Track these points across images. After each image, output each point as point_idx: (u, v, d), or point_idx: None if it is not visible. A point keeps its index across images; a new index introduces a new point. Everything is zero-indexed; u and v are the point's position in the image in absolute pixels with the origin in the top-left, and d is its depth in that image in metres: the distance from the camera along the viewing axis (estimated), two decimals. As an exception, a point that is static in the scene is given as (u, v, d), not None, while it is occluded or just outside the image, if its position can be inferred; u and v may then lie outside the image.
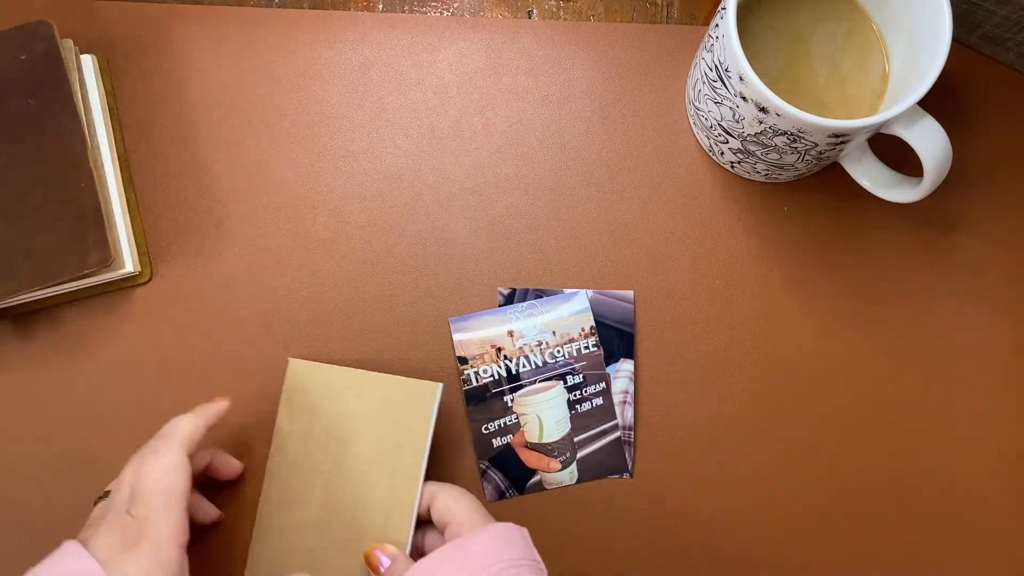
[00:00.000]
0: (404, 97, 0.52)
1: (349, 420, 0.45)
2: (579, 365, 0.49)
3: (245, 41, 0.52)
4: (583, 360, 0.49)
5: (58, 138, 0.47)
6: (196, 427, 0.42)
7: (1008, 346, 0.50)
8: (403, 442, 0.45)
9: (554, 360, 0.49)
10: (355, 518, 0.44)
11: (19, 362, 0.49)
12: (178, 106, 0.52)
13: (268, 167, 0.51)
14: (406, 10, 0.53)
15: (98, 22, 0.52)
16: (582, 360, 0.49)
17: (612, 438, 0.49)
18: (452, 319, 0.49)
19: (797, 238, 0.51)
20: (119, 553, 0.38)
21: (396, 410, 0.45)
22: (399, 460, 0.45)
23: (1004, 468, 0.49)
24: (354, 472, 0.45)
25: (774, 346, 0.50)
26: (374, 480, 0.45)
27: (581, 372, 0.49)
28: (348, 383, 0.46)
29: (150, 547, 0.38)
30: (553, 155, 0.52)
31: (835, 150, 0.45)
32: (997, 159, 0.52)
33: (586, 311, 0.49)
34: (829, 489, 0.49)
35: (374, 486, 0.44)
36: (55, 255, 0.46)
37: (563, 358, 0.49)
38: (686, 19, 0.53)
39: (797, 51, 0.47)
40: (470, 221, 0.51)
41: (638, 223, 0.51)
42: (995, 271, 0.51)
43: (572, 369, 0.49)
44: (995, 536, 0.48)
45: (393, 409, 0.45)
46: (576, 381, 0.49)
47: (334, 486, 0.45)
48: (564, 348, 0.49)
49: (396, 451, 0.45)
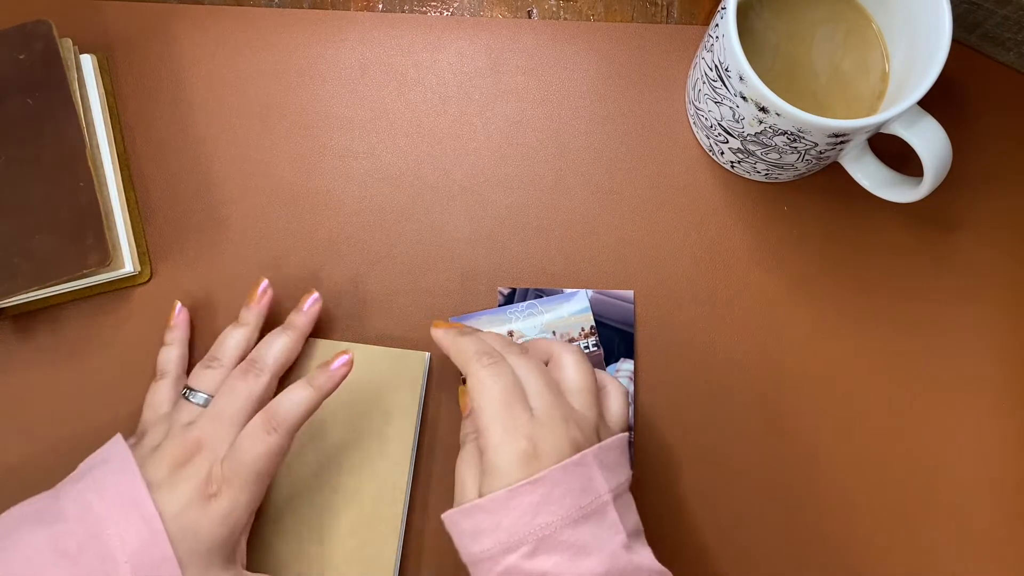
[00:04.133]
0: (404, 97, 0.52)
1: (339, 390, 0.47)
2: (579, 365, 0.49)
3: (245, 41, 0.52)
4: (583, 360, 0.49)
5: (57, 138, 0.47)
6: (310, 409, 0.41)
7: (1008, 346, 0.50)
8: (393, 410, 0.46)
9: None
10: (347, 483, 0.46)
11: (19, 362, 0.49)
12: (178, 106, 0.52)
13: (268, 167, 0.51)
14: (406, 10, 0.53)
15: (98, 22, 0.52)
16: (582, 360, 0.49)
17: (612, 438, 0.49)
18: (452, 319, 0.49)
19: (797, 238, 0.51)
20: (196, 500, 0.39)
21: (385, 379, 0.47)
22: (390, 427, 0.46)
23: (1005, 468, 0.49)
24: (345, 439, 0.46)
25: (774, 346, 0.50)
26: (366, 445, 0.46)
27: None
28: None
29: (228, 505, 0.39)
30: (553, 155, 0.52)
31: (835, 150, 0.45)
32: (997, 159, 0.52)
33: (586, 311, 0.49)
34: (829, 489, 0.49)
35: (366, 451, 0.46)
36: (54, 255, 0.45)
37: (563, 358, 0.49)
38: (686, 19, 0.53)
39: (797, 51, 0.47)
40: (470, 221, 0.51)
41: (638, 223, 0.51)
42: (995, 271, 0.51)
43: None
44: (995, 536, 0.48)
45: (381, 378, 0.47)
46: None
47: (324, 455, 0.46)
48: (564, 348, 0.49)
49: (385, 418, 0.46)
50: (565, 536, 0.36)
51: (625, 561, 0.36)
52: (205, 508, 0.39)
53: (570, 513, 0.36)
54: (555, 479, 0.36)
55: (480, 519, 0.37)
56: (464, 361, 0.40)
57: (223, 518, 0.39)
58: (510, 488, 0.36)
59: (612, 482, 0.38)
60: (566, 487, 0.36)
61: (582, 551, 0.36)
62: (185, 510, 0.38)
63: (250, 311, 0.46)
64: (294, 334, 0.46)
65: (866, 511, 0.48)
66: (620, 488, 0.38)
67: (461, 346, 0.41)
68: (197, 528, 0.38)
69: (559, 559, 0.36)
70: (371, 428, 0.46)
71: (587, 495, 0.37)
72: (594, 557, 0.36)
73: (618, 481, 0.38)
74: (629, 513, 0.39)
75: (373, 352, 0.47)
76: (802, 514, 0.48)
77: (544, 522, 0.36)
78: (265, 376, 0.43)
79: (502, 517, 0.36)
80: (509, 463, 0.37)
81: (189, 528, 0.38)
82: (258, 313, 0.46)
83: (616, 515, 0.37)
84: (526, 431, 0.37)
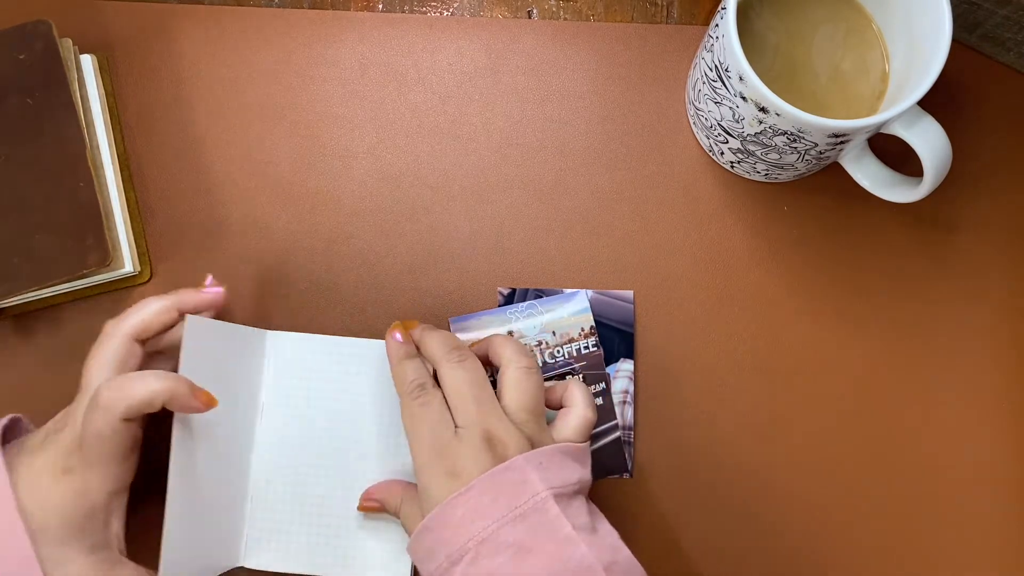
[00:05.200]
0: (404, 97, 0.52)
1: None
2: (579, 365, 0.49)
3: (245, 41, 0.52)
4: (583, 360, 0.49)
5: (56, 138, 0.47)
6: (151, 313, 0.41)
7: (1008, 346, 0.50)
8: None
9: (554, 360, 0.49)
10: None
11: (19, 362, 0.49)
12: (178, 106, 0.52)
13: (268, 167, 0.51)
14: (406, 10, 0.53)
15: (98, 22, 0.52)
16: (582, 360, 0.49)
17: (612, 438, 0.49)
18: (452, 319, 0.49)
19: (797, 238, 0.51)
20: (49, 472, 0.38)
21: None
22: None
23: (1004, 467, 0.49)
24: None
25: (774, 345, 0.50)
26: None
27: (581, 372, 0.49)
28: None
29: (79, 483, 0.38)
30: (553, 155, 0.52)
31: (835, 150, 0.45)
32: (997, 159, 0.52)
33: (586, 311, 0.49)
34: (829, 488, 0.49)
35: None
36: (53, 255, 0.45)
37: (563, 358, 0.49)
38: (686, 19, 0.53)
39: (797, 51, 0.47)
40: (470, 221, 0.51)
41: (638, 223, 0.51)
42: (995, 271, 0.51)
43: (572, 369, 0.49)
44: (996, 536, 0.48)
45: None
46: None
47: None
48: (564, 348, 0.49)
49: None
50: (504, 536, 0.36)
51: (571, 552, 0.36)
52: (58, 482, 0.38)
53: (505, 514, 0.37)
54: (483, 487, 0.37)
55: (426, 540, 0.38)
56: (400, 391, 0.42)
57: (75, 494, 0.38)
58: (443, 503, 0.37)
59: (553, 481, 0.38)
60: (496, 491, 0.37)
61: (523, 548, 0.36)
62: (37, 479, 0.38)
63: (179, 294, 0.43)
64: (168, 302, 0.42)
65: (866, 510, 0.48)
66: (566, 488, 0.38)
67: (397, 374, 0.42)
68: (45, 501, 0.38)
69: (502, 560, 0.36)
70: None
71: (522, 496, 0.37)
72: (537, 553, 0.36)
73: (563, 481, 0.38)
74: (579, 511, 0.38)
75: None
76: (802, 513, 0.48)
77: (480, 527, 0.37)
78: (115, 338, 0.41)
79: (442, 531, 0.37)
80: (438, 486, 0.38)
81: (38, 499, 0.37)
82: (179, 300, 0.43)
83: (558, 510, 0.37)
84: (448, 451, 0.39)
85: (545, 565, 0.36)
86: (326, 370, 0.47)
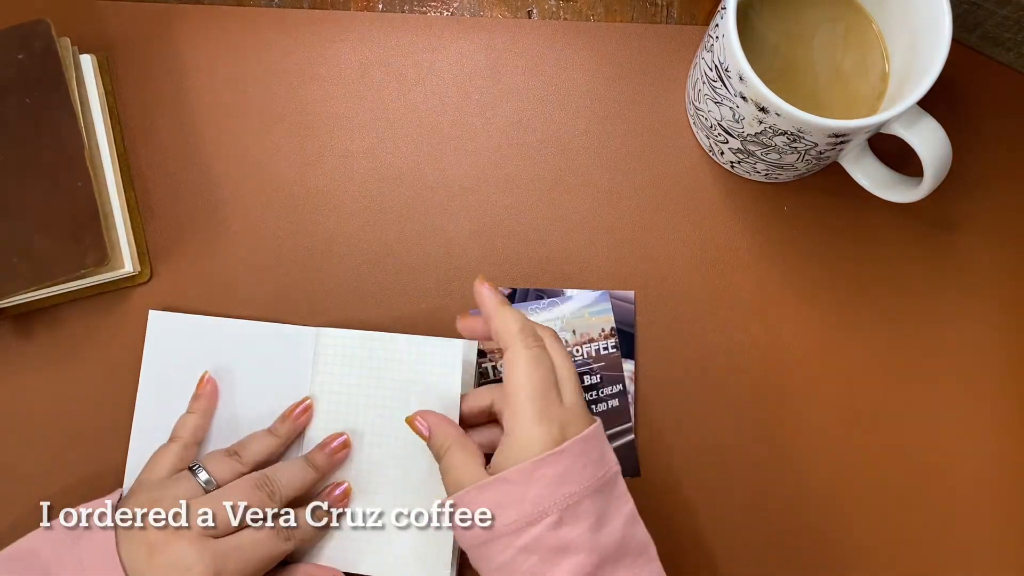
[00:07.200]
0: (404, 97, 0.52)
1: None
2: (597, 366, 0.49)
3: (245, 41, 0.52)
4: (601, 361, 0.49)
5: (55, 137, 0.47)
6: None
7: (1008, 345, 0.50)
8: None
9: (573, 359, 0.49)
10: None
11: (19, 362, 0.49)
12: (178, 106, 0.52)
13: (268, 167, 0.51)
14: (406, 10, 0.53)
15: (98, 22, 0.52)
16: (600, 361, 0.49)
17: (626, 440, 0.48)
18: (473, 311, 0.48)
19: (797, 238, 0.51)
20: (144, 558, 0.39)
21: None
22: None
23: (1004, 466, 0.49)
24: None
25: (774, 345, 0.50)
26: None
27: (598, 372, 0.49)
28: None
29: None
30: (553, 155, 0.52)
31: (835, 150, 0.45)
32: (997, 159, 0.52)
33: (607, 312, 0.49)
34: (830, 488, 0.49)
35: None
36: (52, 255, 0.45)
37: (581, 358, 0.49)
38: (686, 19, 0.53)
39: (797, 51, 0.47)
40: (470, 221, 0.51)
41: (638, 223, 0.51)
42: (995, 271, 0.51)
43: (590, 369, 0.49)
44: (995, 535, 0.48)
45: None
46: (593, 382, 0.49)
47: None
48: (583, 348, 0.49)
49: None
50: (586, 505, 0.37)
51: (634, 529, 0.38)
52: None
53: (591, 483, 0.37)
54: (576, 451, 0.37)
55: (504, 491, 0.37)
56: (507, 335, 0.40)
57: None
58: (536, 459, 0.37)
59: (616, 457, 0.40)
60: (586, 458, 0.38)
61: (601, 520, 0.37)
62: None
63: (284, 424, 0.46)
64: (315, 473, 0.45)
65: (866, 509, 0.48)
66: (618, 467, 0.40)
67: (506, 317, 0.40)
68: None
69: (582, 529, 0.36)
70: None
71: (601, 467, 0.38)
72: (611, 525, 0.37)
73: (617, 460, 0.40)
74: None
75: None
76: (802, 512, 0.48)
77: (569, 491, 0.36)
78: (275, 503, 0.43)
79: (527, 488, 0.36)
80: (540, 445, 0.37)
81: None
82: (292, 429, 0.46)
83: (624, 486, 0.39)
84: (559, 419, 0.38)
85: (615, 540, 0.37)
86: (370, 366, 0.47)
